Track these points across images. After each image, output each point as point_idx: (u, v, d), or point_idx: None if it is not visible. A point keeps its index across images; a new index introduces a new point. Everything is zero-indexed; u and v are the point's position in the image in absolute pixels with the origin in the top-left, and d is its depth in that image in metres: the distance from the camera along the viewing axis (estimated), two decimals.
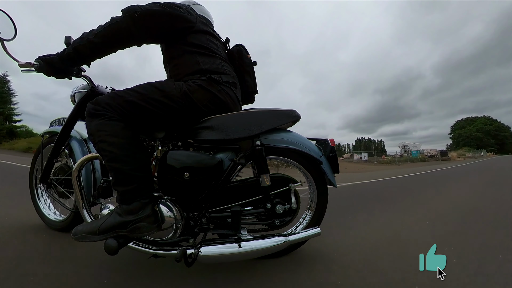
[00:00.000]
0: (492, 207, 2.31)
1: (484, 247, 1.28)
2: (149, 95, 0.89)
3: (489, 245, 1.31)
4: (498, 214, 2.05)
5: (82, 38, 0.89)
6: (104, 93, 1.21)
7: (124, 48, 0.94)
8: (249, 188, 1.00)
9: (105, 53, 0.93)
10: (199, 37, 1.01)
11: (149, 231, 0.82)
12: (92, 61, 0.97)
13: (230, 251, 0.85)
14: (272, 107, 1.03)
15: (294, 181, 1.03)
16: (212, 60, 1.00)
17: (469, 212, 2.13)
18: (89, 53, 0.91)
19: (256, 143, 0.95)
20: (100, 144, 0.83)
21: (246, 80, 1.15)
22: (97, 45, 0.88)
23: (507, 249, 1.25)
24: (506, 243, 1.34)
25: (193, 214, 0.94)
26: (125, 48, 0.95)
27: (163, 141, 1.00)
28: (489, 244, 1.32)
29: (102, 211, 0.93)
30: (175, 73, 1.01)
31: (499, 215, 1.99)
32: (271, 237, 0.91)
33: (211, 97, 0.94)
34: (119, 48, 0.93)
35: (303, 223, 1.08)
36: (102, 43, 0.88)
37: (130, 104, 0.87)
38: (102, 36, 0.87)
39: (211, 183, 0.93)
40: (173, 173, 0.90)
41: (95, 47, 0.89)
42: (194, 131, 0.97)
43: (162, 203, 0.90)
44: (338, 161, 1.06)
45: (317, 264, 1.04)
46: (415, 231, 1.55)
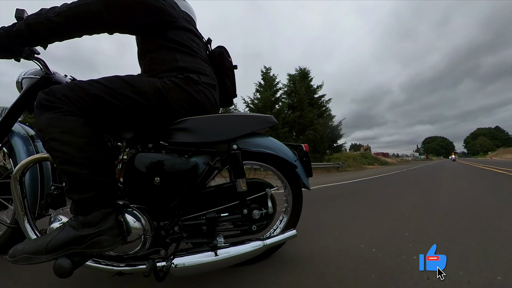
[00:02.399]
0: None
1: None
2: (117, 89, 0.79)
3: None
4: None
5: (40, 14, 0.76)
6: (62, 82, 1.05)
7: (92, 34, 0.83)
8: (225, 194, 0.97)
9: (67, 36, 0.81)
10: (180, 34, 0.95)
11: (112, 245, 0.72)
12: (49, 43, 0.84)
13: (206, 260, 0.80)
14: (249, 112, 1.02)
15: (270, 186, 1.03)
16: (192, 59, 0.95)
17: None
18: (46, 34, 0.78)
19: (233, 147, 0.94)
20: (51, 142, 0.71)
21: (225, 83, 1.12)
22: (58, 25, 0.76)
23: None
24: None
25: (164, 223, 0.86)
26: (94, 34, 0.84)
27: (131, 142, 0.91)
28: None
29: (51, 225, 0.78)
30: (150, 68, 0.93)
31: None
32: (248, 242, 0.89)
33: (188, 97, 0.89)
34: (86, 34, 0.82)
35: (280, 226, 1.09)
36: (65, 24, 0.76)
37: (94, 98, 0.76)
38: (66, 16, 0.75)
39: (185, 189, 0.88)
40: (142, 178, 0.82)
41: (55, 28, 0.76)
42: (167, 133, 0.90)
43: (128, 212, 0.80)
44: (311, 165, 1.10)
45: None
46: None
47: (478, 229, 1.59)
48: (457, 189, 3.76)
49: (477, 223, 1.74)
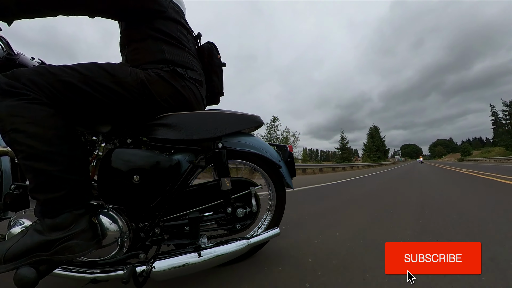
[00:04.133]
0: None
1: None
2: (95, 78, 0.72)
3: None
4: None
5: None
6: (28, 66, 0.91)
7: (69, 15, 0.74)
8: (208, 192, 0.95)
9: (39, 14, 0.71)
10: (169, 25, 0.89)
11: (85, 250, 0.65)
12: (15, 19, 0.73)
13: (190, 261, 0.78)
14: (236, 111, 1.01)
15: (254, 184, 1.04)
16: (180, 52, 0.90)
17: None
18: (13, 7, 0.68)
19: (218, 145, 0.92)
20: (13, 134, 0.62)
21: (213, 80, 1.08)
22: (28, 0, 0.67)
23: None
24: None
25: (144, 224, 0.81)
26: (71, 16, 0.75)
27: (107, 136, 0.84)
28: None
29: (11, 229, 0.68)
30: (134, 58, 0.86)
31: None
32: (232, 241, 0.89)
33: (173, 92, 0.85)
34: (61, 13, 0.73)
35: (265, 223, 1.10)
36: (37, 0, 0.67)
37: (66, 86, 0.68)
38: None
39: (166, 188, 0.84)
40: (119, 176, 0.76)
41: (23, 2, 0.67)
42: (149, 128, 0.85)
43: (103, 213, 0.74)
44: (295, 165, 1.13)
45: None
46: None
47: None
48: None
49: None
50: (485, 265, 0.99)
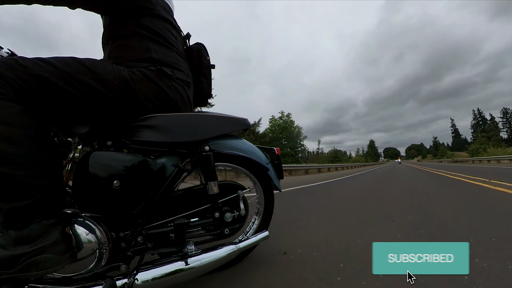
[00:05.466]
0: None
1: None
2: (73, 74, 0.66)
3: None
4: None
5: None
6: None
7: (45, 4, 0.67)
8: (195, 197, 0.92)
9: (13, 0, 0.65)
10: (157, 23, 0.85)
11: (57, 265, 0.58)
12: None
13: (176, 270, 0.73)
14: (224, 113, 1.00)
15: (242, 188, 1.02)
16: (167, 51, 0.87)
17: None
18: None
19: (205, 149, 0.89)
20: None
21: (201, 81, 1.05)
22: None
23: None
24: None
25: (125, 233, 0.75)
26: (48, 5, 0.68)
27: (85, 138, 0.77)
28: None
29: None
30: (117, 54, 0.81)
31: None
32: (221, 247, 0.86)
33: (158, 92, 0.81)
34: (39, 2, 0.66)
35: (253, 227, 1.09)
36: None
37: (40, 81, 0.61)
38: None
39: (150, 193, 0.79)
40: (98, 181, 0.70)
41: None
42: (131, 130, 0.80)
43: (79, 222, 0.67)
44: (282, 168, 1.14)
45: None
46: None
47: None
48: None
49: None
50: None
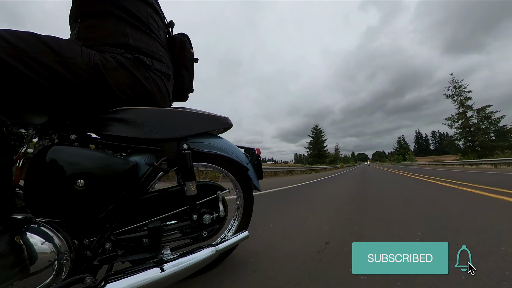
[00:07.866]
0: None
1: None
2: (31, 53, 0.56)
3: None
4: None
5: None
6: None
7: None
8: (171, 199, 0.86)
9: None
10: (137, 5, 0.77)
11: (3, 283, 0.49)
12: None
13: (151, 278, 0.67)
14: (204, 110, 0.96)
15: (221, 188, 0.99)
16: (147, 39, 0.79)
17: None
18: None
19: (183, 147, 0.85)
20: None
21: (182, 75, 0.98)
22: None
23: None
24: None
25: (91, 240, 0.66)
26: None
27: (42, 130, 0.65)
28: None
29: None
30: (87, 36, 0.71)
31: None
32: (199, 250, 0.81)
33: (134, 83, 0.74)
34: None
35: (232, 229, 1.06)
36: None
37: None
38: None
39: (120, 194, 0.72)
40: (57, 181, 0.61)
41: None
42: (100, 122, 0.71)
43: (32, 229, 0.57)
44: (262, 168, 1.14)
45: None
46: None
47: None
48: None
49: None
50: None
